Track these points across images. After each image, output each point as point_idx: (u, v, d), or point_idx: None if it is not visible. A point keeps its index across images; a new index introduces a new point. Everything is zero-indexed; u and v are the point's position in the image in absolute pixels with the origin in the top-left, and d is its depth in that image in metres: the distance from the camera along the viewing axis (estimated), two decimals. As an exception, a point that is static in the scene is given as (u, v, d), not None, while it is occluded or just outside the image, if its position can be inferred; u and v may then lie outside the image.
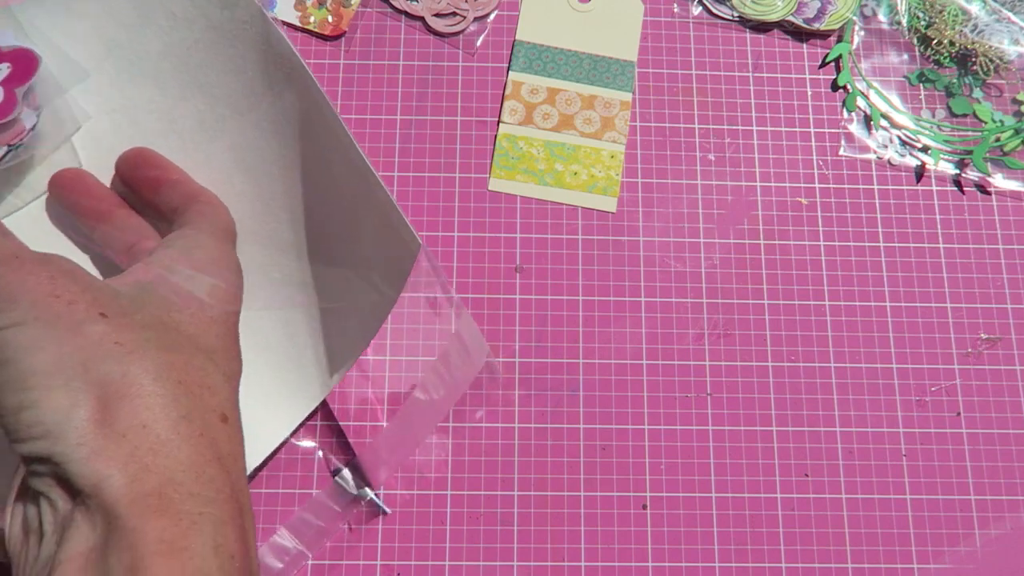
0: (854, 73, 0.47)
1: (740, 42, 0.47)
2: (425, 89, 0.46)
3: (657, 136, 0.45)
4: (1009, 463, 0.41)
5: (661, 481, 0.41)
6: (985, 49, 0.47)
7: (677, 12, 0.48)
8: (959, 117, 0.46)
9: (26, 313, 0.26)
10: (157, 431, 0.26)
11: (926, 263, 0.44)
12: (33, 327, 0.26)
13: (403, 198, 0.44)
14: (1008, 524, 0.41)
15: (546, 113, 0.45)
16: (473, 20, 0.47)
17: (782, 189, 0.45)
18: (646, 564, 0.39)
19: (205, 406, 0.28)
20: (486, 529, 0.39)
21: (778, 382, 0.42)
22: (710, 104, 0.46)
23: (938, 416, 0.42)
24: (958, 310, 0.43)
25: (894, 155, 0.46)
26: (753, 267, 0.44)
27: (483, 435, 0.41)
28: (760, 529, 0.40)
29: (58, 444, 0.25)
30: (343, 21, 0.46)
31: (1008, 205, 0.45)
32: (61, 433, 0.25)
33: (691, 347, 0.42)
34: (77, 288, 0.28)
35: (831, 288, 0.43)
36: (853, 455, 0.41)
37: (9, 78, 0.34)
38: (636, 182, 0.45)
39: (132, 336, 0.28)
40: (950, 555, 0.40)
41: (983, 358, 0.43)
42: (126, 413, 0.26)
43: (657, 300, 0.43)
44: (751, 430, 0.41)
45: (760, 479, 0.41)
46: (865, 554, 0.40)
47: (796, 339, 0.43)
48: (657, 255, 0.44)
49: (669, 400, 0.42)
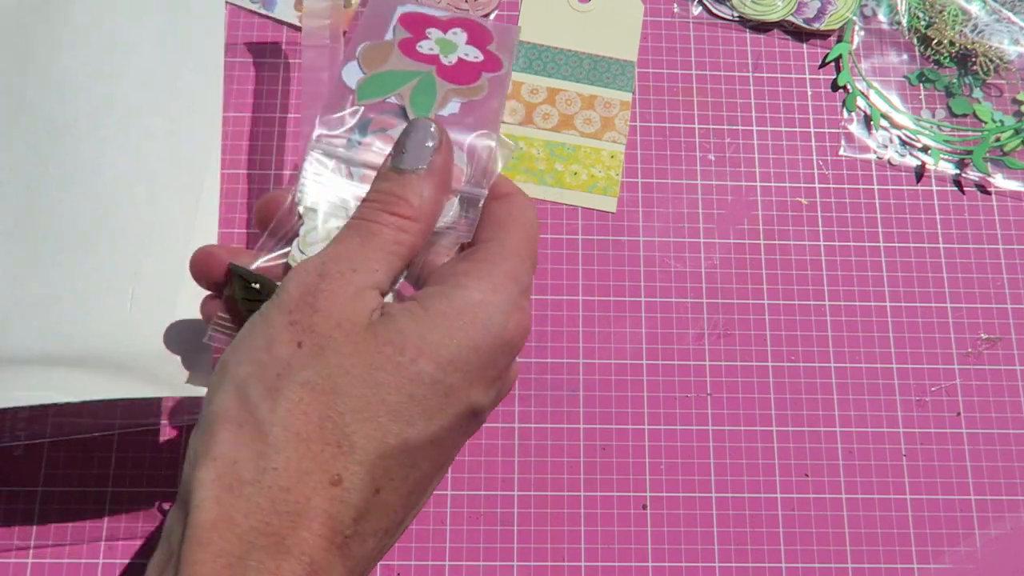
0: (854, 73, 0.47)
1: (740, 42, 0.47)
2: (425, 89, 0.45)
3: (657, 136, 0.45)
4: (1009, 463, 0.41)
5: (661, 481, 0.41)
6: (985, 49, 0.47)
7: (677, 12, 0.48)
8: (959, 117, 0.46)
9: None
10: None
11: (926, 263, 0.44)
12: None
13: (403, 198, 0.44)
14: (1008, 524, 0.41)
15: (546, 113, 0.45)
16: (473, 20, 0.47)
17: (782, 189, 0.45)
18: (646, 564, 0.39)
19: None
20: (486, 529, 0.39)
21: (778, 382, 0.42)
22: (710, 104, 0.46)
23: (938, 416, 0.42)
24: (958, 310, 0.43)
25: (894, 155, 0.46)
26: (753, 267, 0.44)
27: (483, 435, 0.41)
28: (760, 529, 0.40)
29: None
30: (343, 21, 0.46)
31: (1008, 205, 0.45)
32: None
33: (691, 347, 0.42)
34: None
35: (831, 288, 0.43)
36: (853, 455, 0.41)
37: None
38: (636, 182, 0.45)
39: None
40: (950, 555, 0.40)
41: (983, 358, 0.43)
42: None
43: (657, 300, 0.43)
44: (751, 430, 0.41)
45: (760, 479, 0.41)
46: (865, 554, 0.40)
47: (796, 339, 0.43)
48: (657, 255, 0.44)
49: (669, 400, 0.42)
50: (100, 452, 0.40)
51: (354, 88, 0.32)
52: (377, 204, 0.29)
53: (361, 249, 0.28)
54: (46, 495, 0.39)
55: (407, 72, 0.32)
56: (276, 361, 0.26)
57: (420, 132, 0.29)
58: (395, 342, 0.26)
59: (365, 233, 0.28)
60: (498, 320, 0.28)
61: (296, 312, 0.26)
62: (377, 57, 0.33)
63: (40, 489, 0.39)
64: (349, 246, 0.28)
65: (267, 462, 0.25)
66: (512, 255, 0.29)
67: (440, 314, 0.27)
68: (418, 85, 0.32)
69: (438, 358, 0.27)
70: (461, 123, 0.32)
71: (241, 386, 0.26)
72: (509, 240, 0.30)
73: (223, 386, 0.26)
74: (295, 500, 0.25)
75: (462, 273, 0.29)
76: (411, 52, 0.33)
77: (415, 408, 0.26)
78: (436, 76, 0.32)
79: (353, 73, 0.32)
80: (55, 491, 0.39)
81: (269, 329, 0.26)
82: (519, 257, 0.30)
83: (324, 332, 0.26)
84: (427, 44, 0.33)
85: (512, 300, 0.28)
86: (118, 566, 0.38)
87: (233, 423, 0.25)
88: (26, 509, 0.39)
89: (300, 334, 0.26)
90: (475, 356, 0.27)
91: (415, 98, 0.32)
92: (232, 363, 0.26)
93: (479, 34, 0.34)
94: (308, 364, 0.26)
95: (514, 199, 0.31)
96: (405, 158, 0.29)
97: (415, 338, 0.27)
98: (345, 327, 0.26)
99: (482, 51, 0.34)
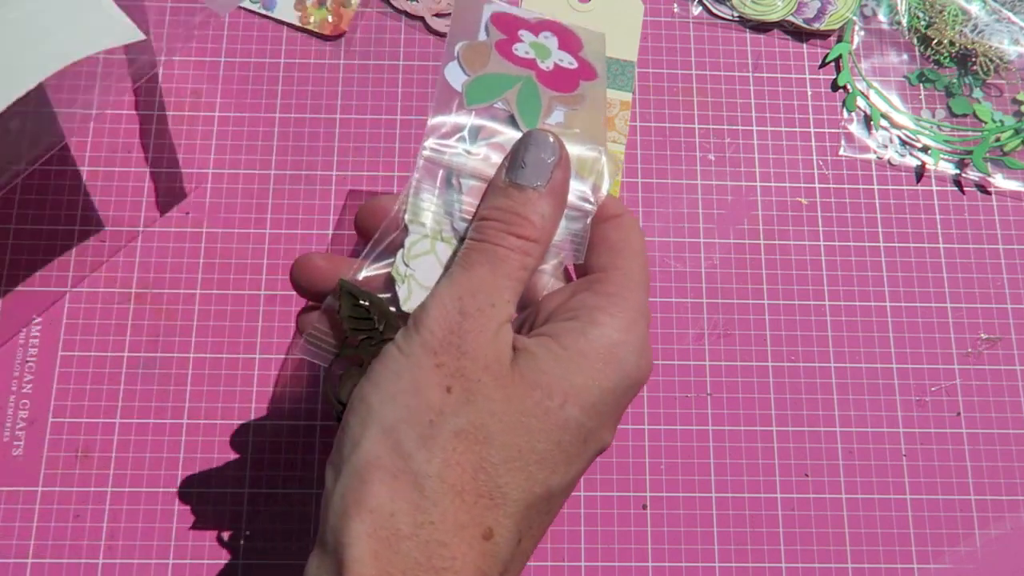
0: (854, 73, 0.47)
1: (740, 42, 0.47)
2: (425, 89, 0.45)
3: (657, 136, 0.45)
4: (1009, 463, 0.41)
5: (661, 481, 0.41)
6: (985, 49, 0.47)
7: (677, 12, 0.48)
8: (959, 117, 0.46)
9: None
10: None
11: (926, 263, 0.44)
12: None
13: (403, 198, 0.44)
14: (1008, 524, 0.41)
15: (546, 113, 0.45)
16: (473, 20, 0.47)
17: (782, 189, 0.45)
18: (646, 564, 0.39)
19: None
20: (486, 529, 0.39)
21: (778, 382, 0.42)
22: (710, 104, 0.46)
23: (938, 416, 0.42)
24: (958, 310, 0.43)
25: (894, 155, 0.46)
26: (753, 267, 0.44)
27: (483, 435, 0.41)
28: (760, 529, 0.40)
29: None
30: (343, 21, 0.46)
31: (1008, 205, 0.45)
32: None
33: (691, 347, 0.42)
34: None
35: (831, 288, 0.43)
36: (853, 455, 0.41)
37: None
38: (636, 182, 0.45)
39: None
40: (950, 555, 0.40)
41: (983, 358, 0.43)
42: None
43: (657, 300, 0.43)
44: (751, 430, 0.41)
45: (760, 479, 0.41)
46: (865, 554, 0.40)
47: (796, 339, 0.43)
48: (657, 255, 0.44)
49: (669, 400, 0.42)
50: (100, 452, 0.40)
51: (460, 91, 0.30)
52: (500, 224, 0.28)
53: (492, 278, 0.27)
54: (46, 495, 0.39)
55: (509, 76, 0.31)
56: (427, 407, 0.25)
57: (540, 146, 0.28)
58: (543, 385, 0.26)
59: (494, 259, 0.27)
60: (632, 361, 0.27)
61: (442, 353, 0.26)
62: (478, 58, 0.31)
63: (40, 489, 0.39)
64: (481, 275, 0.27)
65: (424, 516, 0.24)
66: (637, 287, 0.29)
67: (581, 354, 0.27)
68: (522, 90, 0.31)
69: (583, 403, 0.26)
70: (567, 134, 0.30)
71: (391, 432, 0.25)
72: (631, 268, 0.29)
73: (369, 429, 0.25)
74: (451, 556, 0.24)
75: (595, 308, 0.28)
76: (508, 55, 0.32)
77: (560, 455, 0.26)
78: (537, 81, 0.31)
79: (456, 74, 0.31)
80: (55, 491, 0.39)
81: (416, 371, 0.26)
82: (643, 289, 0.29)
83: (473, 376, 0.25)
84: (522, 47, 0.32)
85: (643, 338, 0.28)
86: (118, 566, 0.38)
87: (387, 473, 0.25)
88: (26, 509, 0.39)
89: (448, 378, 0.25)
90: (612, 398, 0.27)
91: (521, 104, 0.30)
92: (376, 403, 0.26)
93: (569, 39, 0.33)
94: (459, 411, 0.25)
95: (625, 221, 0.30)
96: (524, 173, 0.28)
97: (561, 381, 0.26)
98: (493, 369, 0.26)
99: (575, 57, 0.32)
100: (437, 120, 0.30)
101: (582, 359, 0.27)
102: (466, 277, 0.27)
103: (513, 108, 0.30)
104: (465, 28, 0.32)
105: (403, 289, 0.28)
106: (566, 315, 0.28)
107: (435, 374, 0.25)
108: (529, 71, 0.31)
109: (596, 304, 0.28)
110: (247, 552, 0.39)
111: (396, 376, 0.26)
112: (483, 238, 0.28)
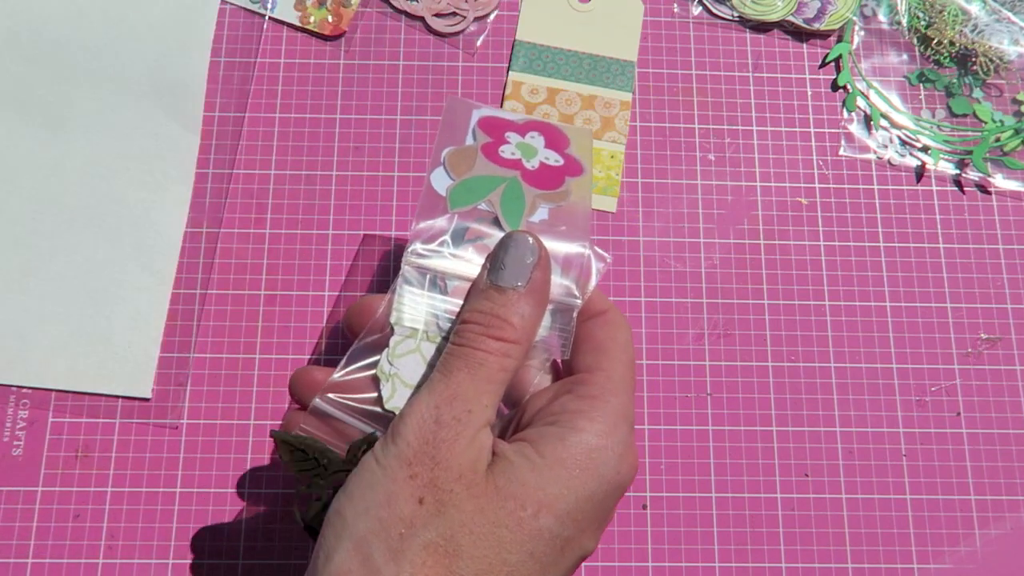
0: (854, 73, 0.47)
1: (740, 42, 0.47)
2: (425, 89, 0.46)
3: (657, 136, 0.45)
4: (1009, 463, 0.41)
5: (661, 481, 0.41)
6: (985, 49, 0.47)
7: (677, 12, 0.48)
8: (959, 117, 0.46)
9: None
10: None
11: (926, 263, 0.44)
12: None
13: (403, 198, 0.44)
14: (1008, 524, 0.41)
15: (546, 113, 0.45)
16: (473, 20, 0.47)
17: (782, 189, 0.45)
18: (646, 564, 0.39)
19: None
20: (486, 529, 0.39)
21: (778, 382, 0.42)
22: (710, 104, 0.46)
23: (938, 416, 0.42)
24: (958, 310, 0.43)
25: (894, 155, 0.46)
26: (753, 267, 0.44)
27: (483, 435, 0.41)
28: (760, 529, 0.40)
29: None
30: (343, 21, 0.46)
31: (1008, 205, 0.45)
32: None
33: (691, 347, 0.42)
34: None
35: (831, 288, 0.43)
36: (853, 455, 0.41)
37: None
38: (636, 182, 0.45)
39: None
40: (950, 555, 0.40)
41: (983, 358, 0.43)
42: None
43: (657, 300, 0.43)
44: (751, 430, 0.41)
45: (760, 479, 0.41)
46: (865, 554, 0.40)
47: (796, 339, 0.43)
48: (657, 255, 0.44)
49: (669, 400, 0.42)
50: (100, 452, 0.40)
51: (445, 195, 0.31)
52: (479, 327, 0.28)
53: (471, 383, 0.27)
54: (46, 495, 0.39)
55: (494, 178, 0.32)
56: (398, 519, 0.25)
57: (519, 247, 0.29)
58: (517, 496, 0.26)
59: (472, 364, 0.27)
60: (612, 466, 0.28)
61: (416, 464, 0.26)
62: (463, 163, 0.32)
63: (40, 489, 0.39)
64: (460, 381, 0.27)
65: None
66: (620, 390, 0.29)
67: (558, 461, 0.27)
68: (506, 190, 0.31)
69: (558, 512, 0.26)
70: (552, 231, 0.31)
71: (361, 544, 0.25)
72: (615, 370, 0.29)
73: (342, 542, 0.26)
74: None
75: (575, 412, 0.28)
76: (494, 157, 0.32)
77: (534, 565, 0.26)
78: (522, 181, 0.32)
79: (442, 179, 0.31)
80: (55, 491, 0.39)
81: (389, 483, 0.26)
82: (626, 391, 0.29)
83: (445, 487, 0.26)
84: (508, 149, 0.33)
85: (625, 441, 0.28)
86: (118, 566, 0.38)
87: None
88: (26, 509, 0.39)
89: (422, 489, 0.26)
90: (590, 505, 0.27)
91: (505, 205, 0.31)
92: (350, 516, 0.26)
93: (555, 137, 0.33)
94: (430, 523, 0.25)
95: (611, 317, 0.31)
96: (504, 275, 0.28)
97: (536, 491, 0.26)
98: (466, 479, 0.26)
99: (561, 154, 0.33)
100: (423, 225, 0.30)
101: (559, 467, 0.27)
102: (444, 384, 0.27)
103: (497, 209, 0.31)
104: (453, 134, 0.33)
105: (387, 388, 0.29)
106: (548, 419, 0.28)
107: (408, 485, 0.26)
108: (515, 171, 0.32)
109: (577, 408, 0.28)
110: (247, 552, 0.39)
111: (370, 488, 0.26)
112: (463, 342, 0.28)
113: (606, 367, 0.29)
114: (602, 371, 0.29)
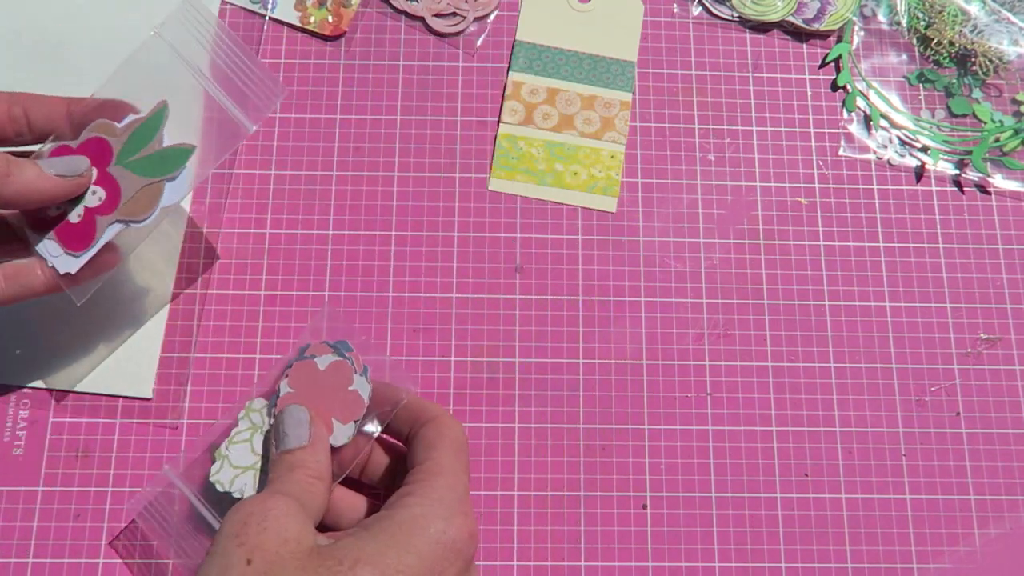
0: (854, 73, 0.47)
1: (740, 42, 0.47)
2: (425, 89, 0.46)
3: (657, 136, 0.45)
4: (1009, 463, 0.41)
5: (661, 481, 0.41)
6: (985, 49, 0.47)
7: (677, 12, 0.48)
8: (959, 117, 0.46)
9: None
10: None
11: (926, 263, 0.44)
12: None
13: (403, 198, 0.44)
14: (1008, 524, 0.41)
15: (546, 113, 0.45)
16: (473, 20, 0.47)
17: (782, 189, 0.45)
18: (646, 564, 0.39)
19: None
20: (486, 529, 0.39)
21: (778, 382, 0.42)
22: (710, 104, 0.46)
23: (938, 416, 0.42)
24: (958, 310, 0.43)
25: (894, 155, 0.46)
26: (753, 267, 0.44)
27: (483, 435, 0.41)
28: (760, 529, 0.40)
29: None
30: (343, 21, 0.46)
31: (1008, 205, 0.45)
32: None
33: (691, 347, 0.42)
34: None
35: (831, 288, 0.43)
36: (853, 455, 0.41)
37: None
38: (636, 182, 0.45)
39: None
40: (950, 555, 0.40)
41: (983, 358, 0.43)
42: None
43: (657, 300, 0.43)
44: (751, 430, 0.41)
45: (760, 479, 0.41)
46: (865, 554, 0.40)
47: (796, 339, 0.43)
48: (657, 255, 0.44)
49: (669, 400, 0.42)
50: (100, 452, 0.40)
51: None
52: (289, 477, 0.33)
53: (294, 500, 0.31)
54: (46, 495, 0.39)
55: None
56: None
57: (294, 416, 0.34)
58: (335, 555, 0.29)
59: (293, 490, 0.32)
60: (439, 526, 0.31)
61: (242, 534, 0.29)
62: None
63: (40, 489, 0.39)
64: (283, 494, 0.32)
65: None
66: (447, 470, 0.33)
67: (382, 531, 0.30)
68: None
69: (376, 563, 0.29)
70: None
71: None
72: (442, 457, 0.33)
73: None
74: None
75: (405, 494, 0.32)
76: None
77: None
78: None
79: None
80: (55, 491, 0.39)
81: (220, 557, 0.29)
82: (452, 471, 0.33)
83: (272, 548, 0.29)
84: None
85: (451, 507, 0.31)
86: (118, 566, 0.38)
87: None
88: (26, 509, 0.39)
89: (250, 552, 0.29)
90: (416, 561, 0.30)
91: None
92: None
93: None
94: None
95: (441, 420, 0.35)
96: (289, 439, 0.34)
97: (355, 550, 0.29)
98: (291, 544, 0.29)
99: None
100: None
101: (383, 534, 0.30)
102: (270, 492, 0.32)
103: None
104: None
105: (216, 464, 0.36)
106: (382, 509, 0.32)
107: (238, 552, 0.29)
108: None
109: (406, 491, 0.32)
110: (247, 552, 0.39)
111: (208, 565, 0.30)
112: (276, 476, 0.33)
113: (434, 456, 0.33)
114: (431, 460, 0.33)
